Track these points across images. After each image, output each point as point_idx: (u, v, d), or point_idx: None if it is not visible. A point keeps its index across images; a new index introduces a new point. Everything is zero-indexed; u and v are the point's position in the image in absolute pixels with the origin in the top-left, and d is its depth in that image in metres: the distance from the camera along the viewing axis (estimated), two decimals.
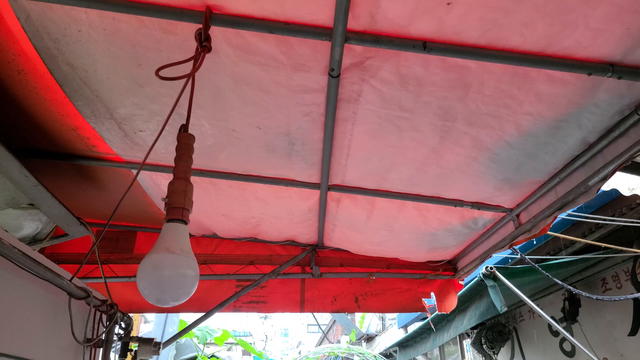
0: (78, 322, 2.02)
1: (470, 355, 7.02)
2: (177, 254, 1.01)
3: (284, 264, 2.83)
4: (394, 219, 2.35)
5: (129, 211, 2.68)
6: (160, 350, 2.51)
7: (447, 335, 4.19)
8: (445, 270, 2.94)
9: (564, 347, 4.37)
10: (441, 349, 8.75)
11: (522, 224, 2.04)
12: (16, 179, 1.84)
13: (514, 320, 5.25)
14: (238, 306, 2.85)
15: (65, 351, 2.02)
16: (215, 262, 2.86)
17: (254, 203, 2.33)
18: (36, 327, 1.78)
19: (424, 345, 4.95)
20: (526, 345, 5.03)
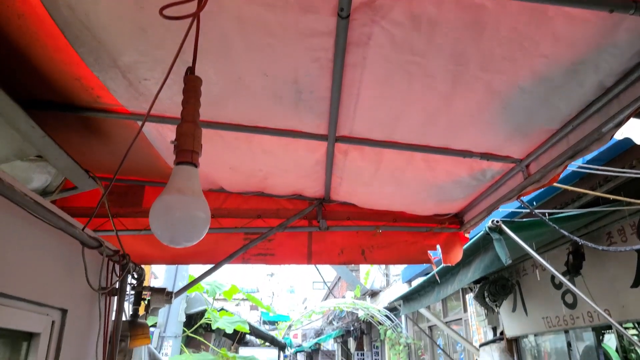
0: (92, 272, 2.06)
1: (472, 309, 7.19)
2: (189, 195, 1.01)
3: (291, 218, 2.85)
4: (401, 171, 2.34)
5: (136, 165, 2.68)
6: (172, 300, 2.58)
7: (451, 288, 4.27)
8: (451, 224, 2.96)
9: (566, 300, 4.45)
10: (444, 303, 8.96)
11: (532, 174, 2.03)
12: (23, 129, 1.83)
13: (517, 275, 5.33)
14: (246, 258, 2.89)
15: (81, 299, 2.07)
16: (223, 216, 2.88)
17: (261, 156, 2.32)
18: (51, 275, 1.81)
19: (428, 298, 5.06)
20: (528, 298, 5.13)
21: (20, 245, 1.60)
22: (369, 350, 14.28)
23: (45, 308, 1.78)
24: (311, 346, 21.14)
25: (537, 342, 5.66)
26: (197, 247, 2.93)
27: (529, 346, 5.77)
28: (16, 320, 1.60)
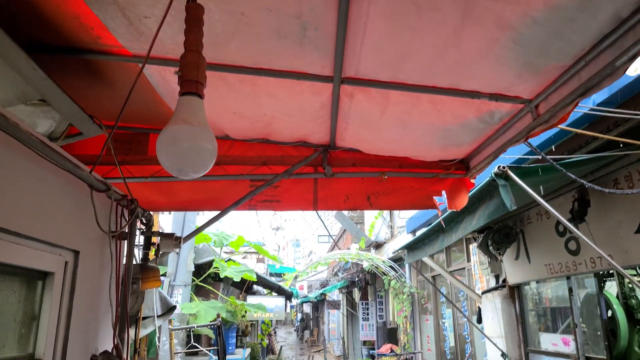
0: (101, 215, 2.09)
1: (475, 259, 7.31)
2: (195, 125, 1.00)
3: (297, 164, 2.85)
4: (407, 114, 2.31)
5: (140, 112, 2.66)
6: (180, 244, 2.63)
7: (455, 235, 4.32)
8: (457, 169, 2.95)
9: (569, 247, 4.51)
10: (447, 254, 9.11)
11: (541, 115, 2.00)
12: (25, 72, 1.80)
13: (521, 223, 5.37)
14: (253, 205, 2.92)
15: (92, 242, 2.11)
16: (229, 163, 2.88)
17: (265, 99, 2.29)
18: (62, 217, 1.84)
19: (432, 247, 5.13)
20: (532, 246, 5.20)
21: (29, 186, 1.61)
22: (373, 300, 14.68)
23: (58, 249, 1.82)
24: (317, 296, 21.76)
25: (538, 289, 5.79)
26: (203, 194, 2.97)
27: (530, 293, 5.90)
28: (31, 259, 1.64)
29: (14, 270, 1.60)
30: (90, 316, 2.12)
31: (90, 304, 2.12)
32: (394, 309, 12.47)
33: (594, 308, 4.72)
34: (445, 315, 9.49)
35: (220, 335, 4.10)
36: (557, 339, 5.20)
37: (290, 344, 26.84)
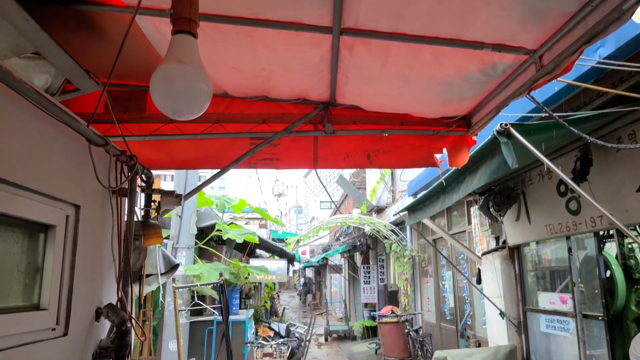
0: (101, 171, 2.08)
1: (475, 221, 7.35)
2: (189, 65, 0.98)
3: (296, 122, 2.82)
4: (409, 67, 2.27)
5: (138, 68, 2.62)
6: (181, 201, 2.64)
7: (456, 196, 4.33)
8: (458, 127, 2.92)
9: (570, 207, 4.52)
10: (448, 217, 9.16)
11: (545, 65, 1.95)
12: (17, 22, 1.76)
13: (522, 185, 5.37)
14: (253, 163, 2.91)
15: (93, 197, 2.12)
16: (228, 121, 2.85)
17: (263, 52, 2.25)
18: (61, 171, 1.84)
19: (433, 208, 5.15)
20: (532, 207, 5.21)
21: (26, 138, 1.60)
22: (374, 264, 14.89)
23: (58, 202, 1.82)
24: (319, 261, 22.09)
25: (538, 250, 5.84)
26: (203, 152, 2.96)
27: (529, 254, 5.96)
28: (31, 211, 1.65)
29: (16, 221, 1.61)
30: (93, 270, 2.14)
31: (93, 258, 2.14)
32: (394, 272, 12.67)
33: (592, 268, 4.77)
34: (445, 278, 9.64)
35: (224, 293, 4.18)
36: (555, 297, 5.29)
37: (293, 308, 27.44)
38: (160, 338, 6.20)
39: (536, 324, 5.61)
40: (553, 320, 5.25)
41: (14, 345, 1.53)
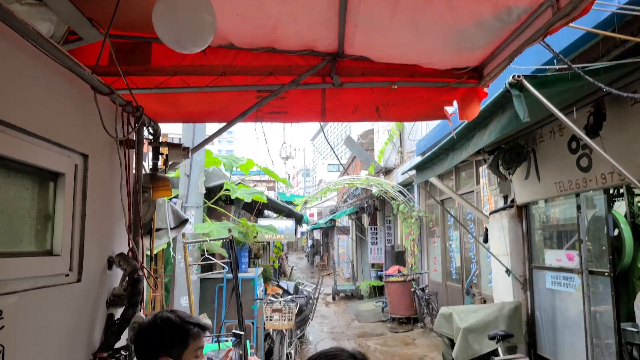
0: (107, 121, 2.07)
1: (484, 181, 7.33)
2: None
3: (304, 74, 2.77)
4: (420, 13, 2.19)
5: (141, 18, 2.54)
6: (189, 154, 2.63)
7: (466, 152, 4.28)
8: (469, 78, 2.85)
9: (581, 164, 4.47)
10: (457, 177, 9.14)
11: (562, 7, 1.88)
12: None
13: (532, 142, 5.30)
14: (260, 116, 2.88)
15: (101, 148, 2.12)
16: (234, 74, 2.80)
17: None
18: (67, 118, 1.83)
19: (442, 166, 5.12)
20: (542, 164, 5.16)
21: (30, 82, 1.58)
22: (382, 225, 15.02)
23: (66, 150, 1.82)
24: (326, 222, 22.31)
25: (546, 208, 5.83)
26: (209, 105, 2.93)
27: (537, 212, 5.96)
28: (39, 157, 1.65)
29: (25, 168, 1.61)
30: (104, 220, 2.17)
31: (103, 209, 2.16)
32: (402, 233, 12.77)
33: (600, 226, 4.76)
34: (452, 238, 9.72)
35: (233, 249, 4.24)
36: (562, 254, 5.32)
37: (301, 269, 27.96)
38: (172, 294, 6.35)
39: (542, 280, 5.67)
40: (559, 277, 5.29)
41: (29, 288, 1.56)
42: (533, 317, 5.82)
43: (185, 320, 1.71)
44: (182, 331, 1.72)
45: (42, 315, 1.64)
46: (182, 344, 1.70)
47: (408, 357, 8.23)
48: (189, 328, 1.72)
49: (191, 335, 1.70)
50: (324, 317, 12.41)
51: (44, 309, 1.65)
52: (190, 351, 1.70)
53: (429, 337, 9.69)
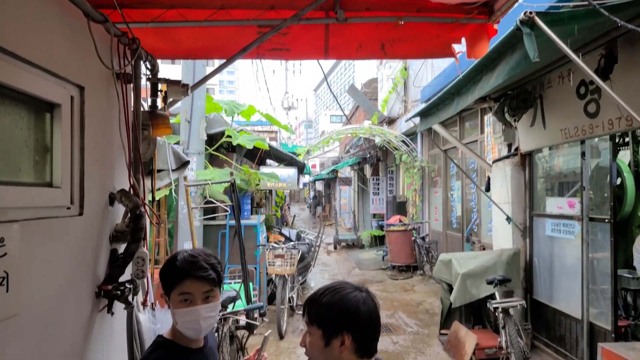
0: (102, 51, 2.00)
1: (489, 129, 7.24)
2: None
3: (306, 7, 2.64)
4: None
5: None
6: (188, 92, 2.57)
7: (472, 97, 4.18)
8: (479, 14, 2.73)
9: (588, 109, 4.38)
10: (461, 127, 9.04)
11: None
12: None
13: (540, 88, 5.18)
14: (261, 53, 2.79)
15: (97, 80, 2.06)
16: (234, 7, 2.68)
17: None
18: (60, 47, 1.76)
19: (446, 111, 5.02)
20: (549, 111, 5.07)
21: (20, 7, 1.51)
22: (384, 176, 15.05)
23: (61, 81, 1.77)
24: (328, 173, 22.39)
25: (549, 156, 5.79)
26: (208, 41, 2.83)
27: (541, 160, 5.92)
28: (34, 85, 1.60)
29: (20, 96, 1.57)
30: (103, 156, 2.14)
31: (103, 144, 2.13)
32: (404, 183, 12.81)
33: (603, 175, 4.74)
34: (454, 188, 9.74)
35: (235, 192, 4.24)
36: (563, 202, 5.33)
37: (303, 219, 28.33)
38: (176, 239, 6.45)
39: (541, 228, 5.72)
40: (559, 224, 5.33)
41: (30, 218, 1.56)
42: (531, 263, 5.92)
43: (186, 261, 1.65)
44: (169, 272, 1.67)
45: (45, 247, 1.65)
46: (169, 285, 1.66)
47: (407, 302, 8.46)
48: (176, 270, 1.61)
49: (176, 278, 1.64)
50: (325, 265, 12.69)
51: (46, 240, 1.66)
52: (175, 294, 1.62)
53: (427, 284, 9.93)
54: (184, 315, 1.62)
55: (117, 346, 2.28)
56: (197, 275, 1.61)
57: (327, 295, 1.45)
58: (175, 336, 1.71)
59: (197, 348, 1.74)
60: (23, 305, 1.48)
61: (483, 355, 5.28)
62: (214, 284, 1.66)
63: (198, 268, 1.62)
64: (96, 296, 2.03)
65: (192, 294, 1.62)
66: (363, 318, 1.43)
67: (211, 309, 1.65)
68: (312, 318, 1.44)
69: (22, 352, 1.47)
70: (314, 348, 1.43)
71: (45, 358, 1.62)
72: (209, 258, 1.68)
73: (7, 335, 1.41)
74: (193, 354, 1.71)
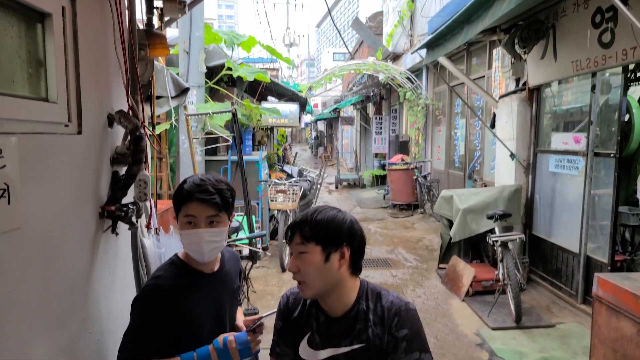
0: None
1: (497, 64, 7.04)
2: None
3: None
4: None
5: None
6: (185, 9, 2.45)
7: (482, 24, 4.00)
8: None
9: (602, 39, 4.21)
10: (468, 62, 8.79)
11: None
12: None
13: (553, 17, 4.96)
14: None
15: None
16: None
17: None
18: None
19: (455, 41, 4.83)
20: (561, 42, 4.88)
21: None
22: (387, 115, 14.87)
23: None
24: (331, 112, 22.11)
25: (558, 91, 5.65)
26: None
27: (549, 95, 5.79)
28: None
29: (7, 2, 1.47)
30: (99, 74, 2.07)
31: (98, 63, 2.05)
32: (407, 122, 12.68)
33: (612, 111, 4.64)
34: (457, 126, 9.64)
35: (236, 122, 4.17)
36: (569, 137, 5.27)
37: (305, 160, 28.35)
38: (178, 174, 6.47)
39: (545, 164, 5.69)
40: (563, 160, 5.30)
41: (28, 131, 1.51)
42: (532, 199, 5.95)
43: (194, 184, 1.64)
44: (178, 194, 1.66)
45: (45, 163, 1.62)
46: (177, 207, 1.67)
47: (407, 239, 8.63)
48: (183, 192, 1.61)
49: (182, 200, 1.63)
50: (326, 203, 12.83)
51: (46, 157, 1.62)
52: (181, 216, 1.63)
53: (427, 221, 10.08)
54: (187, 237, 1.63)
55: (123, 267, 2.32)
56: (200, 198, 1.60)
57: (320, 214, 1.46)
58: (188, 258, 1.72)
59: (209, 272, 1.75)
60: (25, 220, 1.47)
61: (480, 287, 5.43)
62: (219, 209, 1.64)
63: (203, 191, 1.60)
64: (100, 217, 2.03)
65: (196, 217, 1.61)
66: (357, 233, 1.48)
67: (215, 234, 1.64)
68: (308, 236, 1.43)
69: (27, 266, 1.48)
70: (311, 266, 1.43)
71: (52, 273, 1.64)
72: (218, 183, 1.66)
73: (11, 249, 1.41)
74: (202, 277, 1.72)
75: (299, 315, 1.60)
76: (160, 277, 1.66)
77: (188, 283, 1.68)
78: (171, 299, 1.62)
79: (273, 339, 1.68)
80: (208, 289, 1.73)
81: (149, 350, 1.58)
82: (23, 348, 1.43)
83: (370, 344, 1.45)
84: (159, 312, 1.59)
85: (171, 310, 1.61)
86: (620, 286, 3.03)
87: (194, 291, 1.68)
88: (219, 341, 1.65)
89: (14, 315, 1.39)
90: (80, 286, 1.87)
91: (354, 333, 1.47)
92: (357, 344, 1.46)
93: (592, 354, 3.28)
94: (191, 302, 1.66)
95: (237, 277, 1.94)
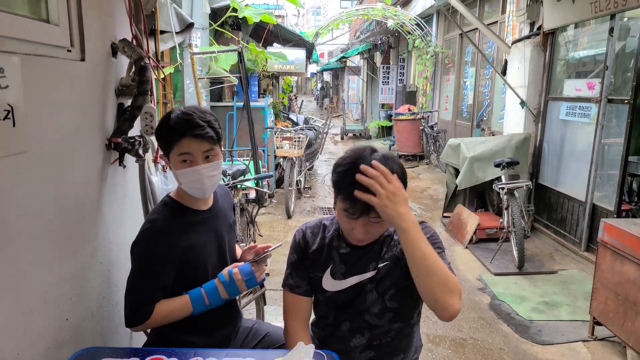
0: None
1: (511, 7, 6.76)
2: None
3: None
4: None
5: None
6: None
7: None
8: None
9: None
10: (481, 6, 8.46)
11: None
12: None
13: None
14: None
15: None
16: None
17: None
18: None
19: None
20: None
21: None
22: (394, 64, 14.53)
23: None
24: (337, 61, 21.62)
25: (574, 35, 5.46)
26: None
27: (564, 40, 5.59)
28: None
29: None
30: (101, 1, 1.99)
31: None
32: (415, 72, 12.40)
33: (629, 57, 4.48)
34: (467, 75, 9.42)
35: (242, 62, 4.07)
36: (582, 84, 5.13)
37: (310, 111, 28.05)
38: None
39: (556, 112, 5.59)
40: (575, 107, 5.19)
41: (30, 53, 1.47)
42: (540, 148, 5.89)
43: (180, 119, 1.56)
44: (164, 132, 1.58)
45: (49, 88, 1.57)
46: (167, 146, 1.60)
47: (412, 189, 8.64)
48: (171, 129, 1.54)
49: (173, 138, 1.55)
50: (331, 154, 12.80)
51: (50, 82, 1.58)
52: (174, 155, 1.57)
53: (433, 172, 10.07)
54: (186, 175, 1.59)
55: (132, 202, 2.32)
56: (193, 133, 1.54)
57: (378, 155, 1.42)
58: (180, 196, 1.70)
59: (205, 209, 1.73)
60: (31, 144, 1.45)
61: (484, 234, 5.48)
62: (213, 141, 1.60)
63: (194, 126, 1.54)
64: (107, 148, 2.01)
65: (192, 154, 1.57)
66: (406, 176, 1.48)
67: (213, 168, 1.62)
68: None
69: (34, 192, 1.47)
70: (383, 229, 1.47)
71: (60, 200, 1.63)
72: (205, 115, 1.60)
73: (17, 173, 1.39)
74: (198, 215, 1.71)
75: (319, 248, 1.60)
76: (156, 220, 1.64)
77: (185, 222, 1.66)
78: (170, 239, 1.60)
79: (286, 271, 1.67)
80: (206, 226, 1.72)
81: (154, 292, 1.59)
82: (32, 273, 1.45)
83: (395, 261, 1.50)
84: (159, 254, 1.59)
85: (171, 250, 1.60)
86: (627, 231, 3.03)
87: (192, 229, 1.67)
88: (224, 274, 1.66)
89: (24, 239, 1.40)
90: (90, 216, 1.87)
91: (381, 256, 1.52)
92: (382, 263, 1.51)
93: (594, 298, 3.34)
94: (191, 240, 1.65)
95: (231, 211, 1.93)
